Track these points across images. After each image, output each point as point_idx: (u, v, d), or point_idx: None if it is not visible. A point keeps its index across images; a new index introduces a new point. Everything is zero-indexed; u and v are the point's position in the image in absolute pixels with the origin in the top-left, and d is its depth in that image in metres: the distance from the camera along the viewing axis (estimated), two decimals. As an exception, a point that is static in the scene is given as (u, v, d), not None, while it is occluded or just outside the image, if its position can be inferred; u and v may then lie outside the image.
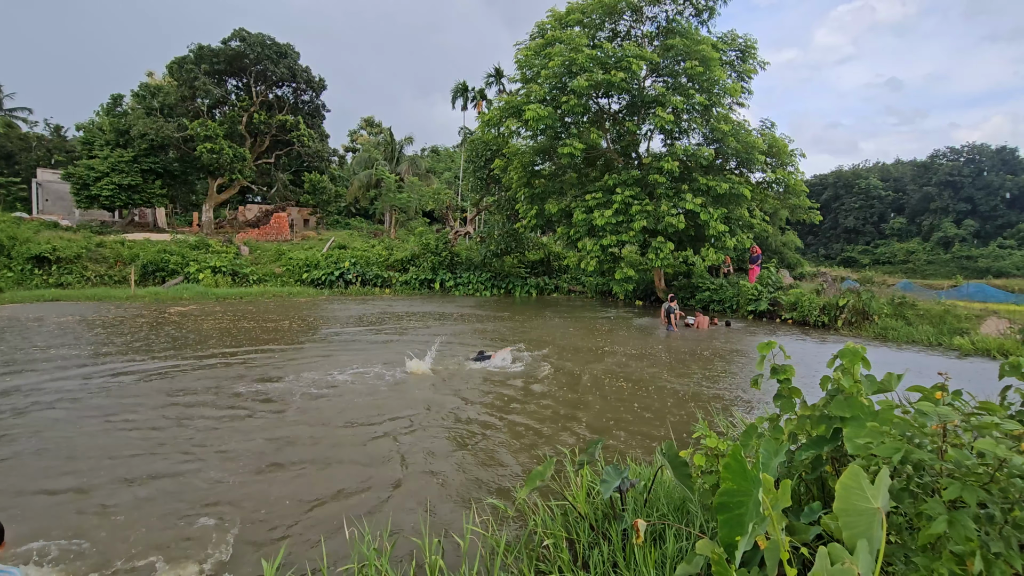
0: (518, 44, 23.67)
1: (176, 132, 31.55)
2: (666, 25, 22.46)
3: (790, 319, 18.49)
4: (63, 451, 5.63)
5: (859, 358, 2.59)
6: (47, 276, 23.23)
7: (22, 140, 44.41)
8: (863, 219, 69.20)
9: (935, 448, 2.05)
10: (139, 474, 5.11)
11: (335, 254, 29.72)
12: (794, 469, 2.82)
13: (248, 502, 4.62)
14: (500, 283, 29.23)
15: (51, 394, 7.67)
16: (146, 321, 15.17)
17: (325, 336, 13.65)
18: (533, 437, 6.43)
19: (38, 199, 38.09)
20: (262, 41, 34.47)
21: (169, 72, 33.69)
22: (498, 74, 39.93)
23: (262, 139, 36.67)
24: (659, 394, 8.60)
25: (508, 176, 26.45)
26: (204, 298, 21.63)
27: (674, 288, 23.72)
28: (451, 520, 4.35)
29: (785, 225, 39.02)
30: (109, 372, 9.03)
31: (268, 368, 9.66)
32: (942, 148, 68.43)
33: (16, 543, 3.78)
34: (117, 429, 6.32)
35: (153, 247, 26.41)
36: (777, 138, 22.13)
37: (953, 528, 1.82)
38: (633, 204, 20.32)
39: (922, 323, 15.77)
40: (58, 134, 49.87)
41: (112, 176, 30.07)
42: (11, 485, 4.83)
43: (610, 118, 23.72)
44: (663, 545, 2.89)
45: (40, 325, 14.00)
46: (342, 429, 6.53)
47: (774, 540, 1.84)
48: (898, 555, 2.07)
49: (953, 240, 60.33)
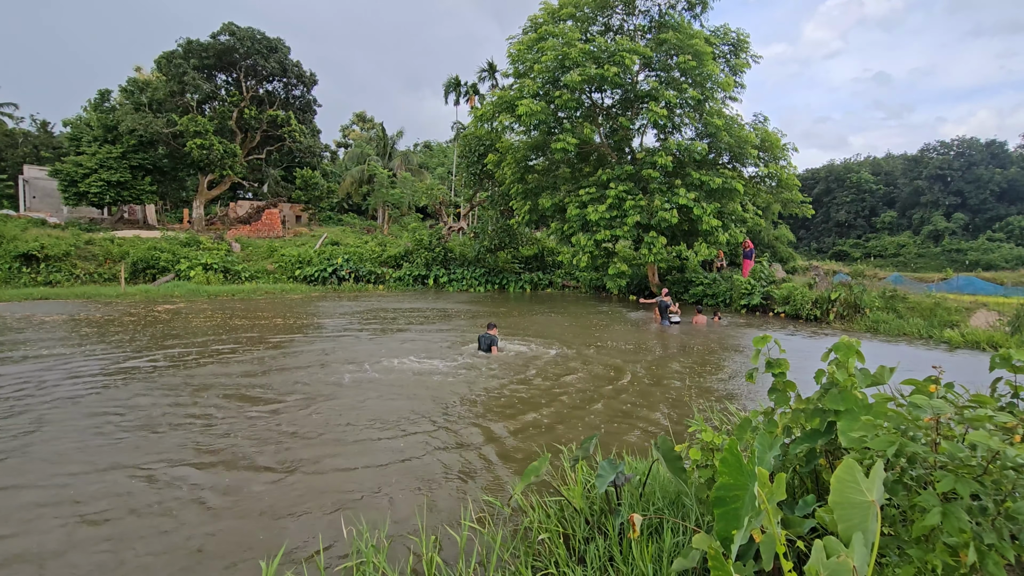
0: (511, 38, 23.58)
1: (165, 128, 31.17)
2: (659, 19, 22.44)
3: (783, 313, 18.61)
4: (57, 454, 5.58)
5: (854, 352, 2.60)
6: (35, 274, 22.96)
7: (8, 136, 43.78)
8: (855, 213, 69.75)
9: (929, 441, 2.07)
10: (120, 473, 5.07)
11: (328, 250, 29.58)
12: (788, 462, 2.84)
13: (244, 501, 4.60)
14: (494, 279, 29.21)
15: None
16: (132, 321, 15.04)
17: (318, 332, 13.59)
18: (528, 432, 6.44)
19: (25, 196, 37.58)
20: (252, 35, 34.09)
21: (157, 67, 33.27)
22: (491, 69, 39.80)
23: (253, 134, 36.33)
24: (653, 388, 8.63)
25: (501, 171, 26.40)
26: (195, 295, 21.46)
27: (667, 283, 23.81)
28: (448, 516, 4.35)
29: (777, 219, 39.20)
30: (89, 372, 8.95)
31: (261, 366, 9.60)
32: (932, 142, 69.06)
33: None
34: (95, 429, 6.26)
35: (143, 244, 26.17)
36: (770, 132, 22.21)
37: (947, 520, 1.84)
38: (627, 199, 20.36)
39: (913, 316, 15.92)
40: (45, 130, 49.18)
41: (100, 172, 29.69)
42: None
43: (603, 113, 23.70)
44: (659, 539, 2.90)
45: (27, 324, 13.84)
46: (336, 427, 6.51)
47: (770, 533, 1.85)
48: (892, 547, 2.08)
49: (943, 233, 60.95)
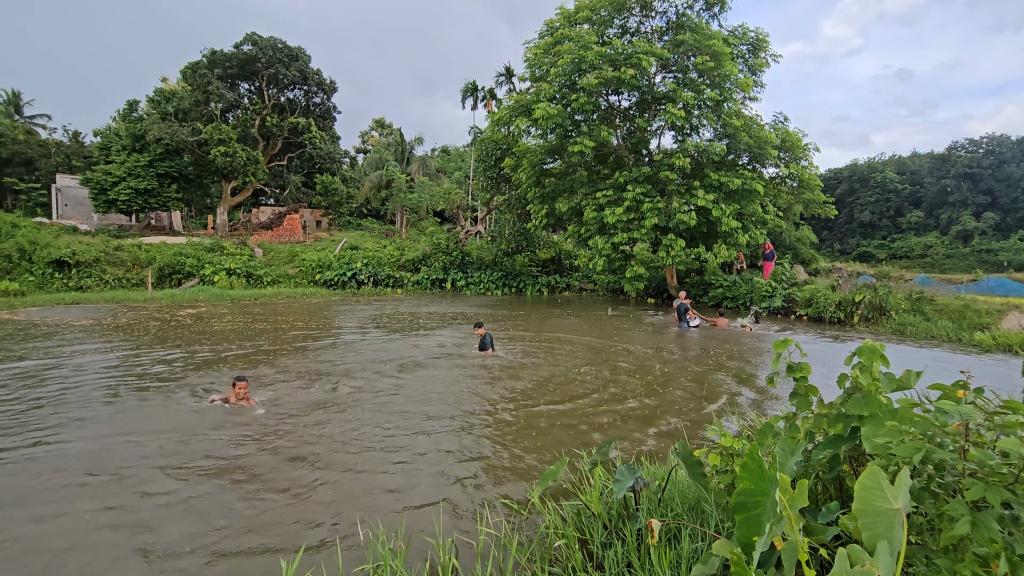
0: (527, 43, 23.64)
1: (190, 136, 31.99)
2: (676, 20, 22.28)
3: (805, 315, 18.27)
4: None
5: (878, 355, 2.54)
6: (67, 279, 23.69)
7: (41, 147, 45.31)
8: (879, 213, 68.13)
9: (957, 447, 2.01)
10: (143, 470, 5.19)
11: (347, 255, 29.94)
12: (811, 468, 2.79)
13: (263, 502, 4.67)
14: (511, 282, 29.24)
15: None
16: (157, 323, 15.41)
17: (337, 335, 13.76)
18: (546, 434, 6.42)
19: (58, 204, 38.84)
20: (274, 45, 34.80)
21: (183, 77, 34.17)
22: (508, 73, 39.94)
23: (274, 142, 37.03)
24: (672, 391, 8.54)
25: (518, 175, 26.44)
26: (219, 300, 21.91)
27: (686, 285, 23.55)
28: (465, 520, 4.36)
29: (799, 220, 38.54)
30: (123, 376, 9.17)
31: (278, 367, 9.75)
32: (960, 139, 67.10)
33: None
34: (123, 436, 6.42)
35: (169, 250, 26.81)
36: (790, 132, 21.86)
37: (976, 529, 1.78)
38: (644, 201, 20.22)
39: (941, 318, 15.48)
40: (76, 140, 50.81)
41: (129, 180, 30.58)
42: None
43: (620, 115, 23.60)
44: (678, 545, 2.86)
45: (62, 327, 14.28)
46: (352, 429, 6.58)
47: (792, 541, 1.82)
48: (919, 557, 2.03)
49: (972, 233, 59.17)
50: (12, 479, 5.05)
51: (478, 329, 11.25)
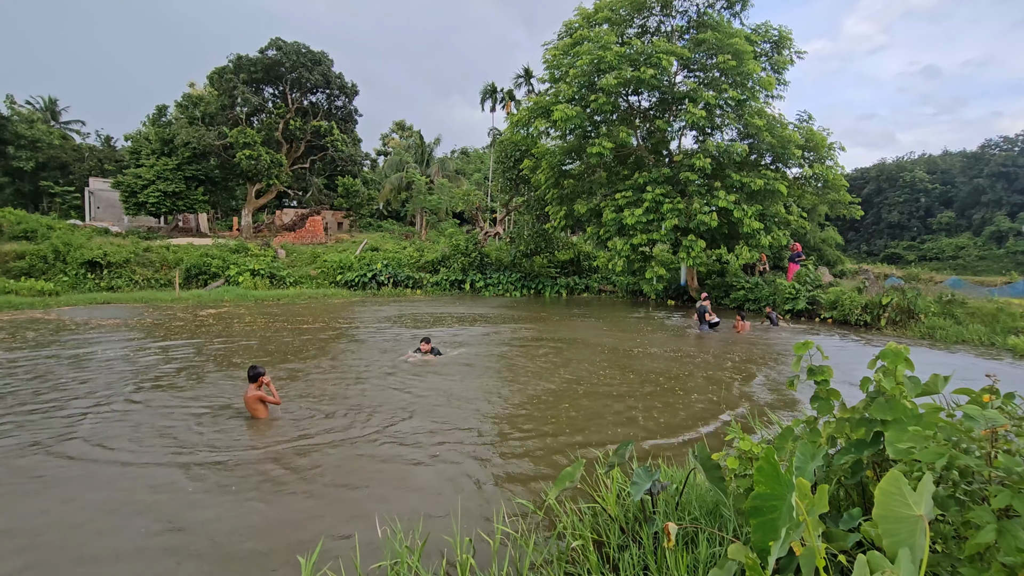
0: (546, 44, 23.67)
1: (217, 140, 32.77)
2: (697, 19, 22.06)
3: (830, 318, 17.88)
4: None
5: (902, 359, 2.49)
6: (99, 280, 24.44)
7: (76, 151, 46.83)
8: (908, 214, 66.17)
9: (983, 454, 1.96)
10: (184, 472, 5.33)
11: (367, 256, 30.29)
12: (832, 473, 2.74)
13: (281, 498, 4.76)
14: (530, 283, 29.22)
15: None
16: (181, 324, 15.80)
17: (357, 334, 13.94)
18: (563, 436, 6.41)
19: (90, 207, 40.12)
20: (297, 49, 35.45)
21: (210, 82, 35.01)
22: (527, 75, 40.02)
23: (297, 145, 37.71)
24: (692, 394, 8.44)
25: (537, 177, 26.44)
26: (243, 300, 22.37)
27: (707, 287, 23.25)
28: (481, 520, 4.38)
29: (824, 221, 37.71)
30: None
31: (299, 368, 9.92)
32: (994, 137, 64.93)
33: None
34: (155, 441, 6.60)
35: (196, 251, 27.48)
36: (815, 131, 21.44)
37: (1003, 538, 1.74)
38: (664, 202, 20.03)
39: (973, 322, 14.99)
40: (108, 144, 52.41)
41: (158, 184, 31.44)
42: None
43: (640, 116, 23.43)
44: (695, 549, 2.84)
45: (95, 327, 14.75)
46: (370, 428, 6.65)
47: (810, 546, 1.79)
48: (944, 565, 1.98)
49: (1007, 234, 57.07)
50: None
51: (424, 344, 10.76)
